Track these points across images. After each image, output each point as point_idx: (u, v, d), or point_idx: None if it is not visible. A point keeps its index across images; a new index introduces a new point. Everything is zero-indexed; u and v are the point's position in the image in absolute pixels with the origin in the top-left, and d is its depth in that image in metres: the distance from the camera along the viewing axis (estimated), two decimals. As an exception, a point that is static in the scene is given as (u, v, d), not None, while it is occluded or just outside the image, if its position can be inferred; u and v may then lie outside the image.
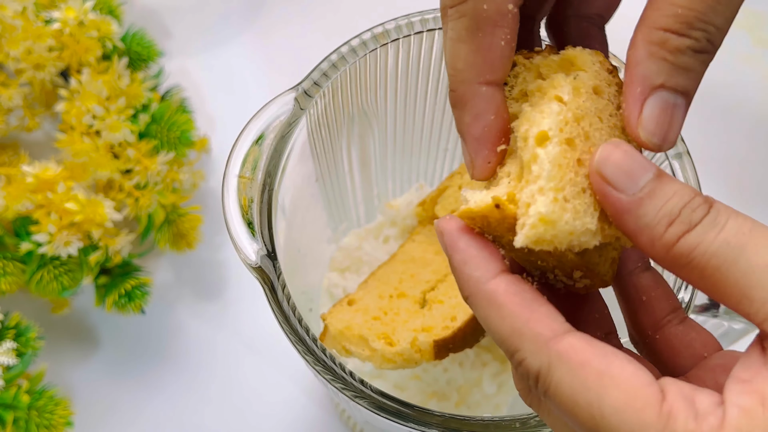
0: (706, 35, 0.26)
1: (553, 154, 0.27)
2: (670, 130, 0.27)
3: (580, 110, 0.28)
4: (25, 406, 0.51)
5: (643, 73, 0.26)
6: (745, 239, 0.24)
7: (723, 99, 0.71)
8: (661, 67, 0.26)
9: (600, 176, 0.26)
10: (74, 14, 0.58)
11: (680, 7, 0.25)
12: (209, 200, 0.65)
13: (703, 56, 0.26)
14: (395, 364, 0.45)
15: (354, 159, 0.53)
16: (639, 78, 0.27)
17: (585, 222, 0.27)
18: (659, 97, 0.27)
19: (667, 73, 0.26)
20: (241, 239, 0.41)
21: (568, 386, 0.24)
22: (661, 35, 0.26)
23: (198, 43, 0.73)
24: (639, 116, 0.27)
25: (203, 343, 0.61)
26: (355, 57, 0.45)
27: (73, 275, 0.55)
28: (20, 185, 0.53)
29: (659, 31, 0.26)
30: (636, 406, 0.23)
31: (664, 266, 0.26)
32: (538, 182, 0.27)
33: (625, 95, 0.27)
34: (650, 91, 0.27)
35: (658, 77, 0.26)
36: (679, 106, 0.27)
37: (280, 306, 0.40)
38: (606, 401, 0.23)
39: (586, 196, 0.27)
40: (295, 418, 0.58)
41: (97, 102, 0.57)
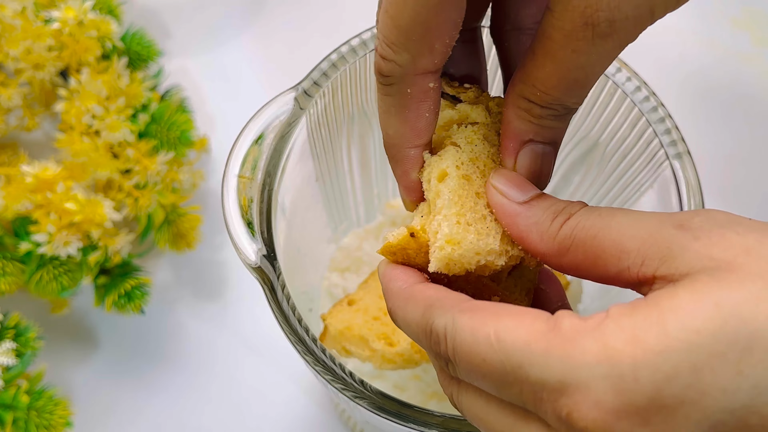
0: (564, 107, 0.30)
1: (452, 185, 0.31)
2: (542, 174, 0.32)
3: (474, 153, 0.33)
4: (24, 406, 0.50)
5: (514, 131, 0.31)
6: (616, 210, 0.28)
7: (723, 99, 0.71)
8: (529, 127, 0.31)
9: (494, 188, 0.31)
10: (74, 14, 0.58)
11: (539, 90, 0.29)
12: (209, 200, 0.65)
13: (563, 117, 0.31)
14: (395, 364, 0.45)
15: (354, 159, 0.53)
16: (511, 134, 0.31)
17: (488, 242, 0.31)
18: (529, 150, 0.31)
19: (534, 131, 0.31)
20: (240, 239, 0.41)
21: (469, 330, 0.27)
22: (526, 104, 0.30)
23: (198, 42, 0.73)
24: (514, 166, 0.32)
25: (203, 343, 0.60)
26: (355, 57, 0.45)
27: (72, 275, 0.55)
28: (20, 185, 0.53)
29: (524, 100, 0.30)
30: (526, 323, 0.26)
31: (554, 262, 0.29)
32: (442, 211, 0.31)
33: (501, 148, 0.32)
34: (521, 145, 0.31)
35: (527, 134, 0.31)
36: (547, 153, 0.31)
37: (280, 306, 0.40)
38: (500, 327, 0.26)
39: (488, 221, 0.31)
40: (295, 419, 0.58)
41: (97, 102, 0.57)
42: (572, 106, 0.30)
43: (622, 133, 0.47)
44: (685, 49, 0.73)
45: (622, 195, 0.48)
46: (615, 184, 0.49)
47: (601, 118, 0.48)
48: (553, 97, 0.29)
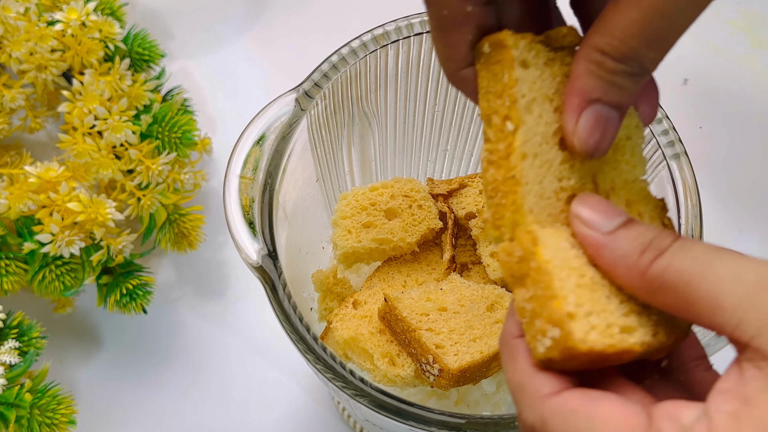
0: (640, 64, 0.28)
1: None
2: (603, 140, 0.29)
3: None
4: (27, 404, 0.51)
5: (581, 87, 0.29)
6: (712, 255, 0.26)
7: (721, 100, 0.72)
8: (598, 84, 0.28)
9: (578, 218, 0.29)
10: (76, 15, 0.58)
11: (618, 39, 0.27)
12: (211, 200, 0.65)
13: (636, 78, 0.28)
14: (394, 384, 0.46)
15: (354, 159, 0.53)
16: (577, 91, 0.29)
17: None
18: (594, 110, 0.29)
19: (602, 89, 0.28)
20: (242, 239, 0.41)
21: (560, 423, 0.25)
22: (599, 57, 0.28)
23: (200, 44, 0.73)
24: (575, 126, 0.29)
25: (205, 342, 0.61)
26: (355, 58, 0.45)
27: (75, 275, 0.55)
28: (23, 185, 0.54)
29: (598, 53, 0.28)
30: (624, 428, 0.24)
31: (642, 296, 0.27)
32: None
33: (564, 105, 0.29)
34: (587, 104, 0.29)
35: (595, 92, 0.28)
36: (612, 118, 0.29)
37: (281, 305, 0.40)
38: None
39: None
40: (295, 417, 0.59)
41: (100, 103, 0.57)
42: (648, 65, 0.28)
43: (620, 133, 0.47)
44: (683, 51, 0.74)
45: (620, 195, 0.48)
46: (613, 185, 0.49)
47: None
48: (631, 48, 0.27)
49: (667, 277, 0.26)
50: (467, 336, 0.46)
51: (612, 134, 0.29)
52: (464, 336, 0.46)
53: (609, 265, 0.28)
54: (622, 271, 0.27)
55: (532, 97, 0.30)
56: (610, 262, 0.28)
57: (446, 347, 0.45)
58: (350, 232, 0.49)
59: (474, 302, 0.48)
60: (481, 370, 0.46)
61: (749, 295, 0.24)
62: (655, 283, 0.26)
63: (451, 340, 0.46)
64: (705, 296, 0.25)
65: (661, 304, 0.27)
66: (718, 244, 0.27)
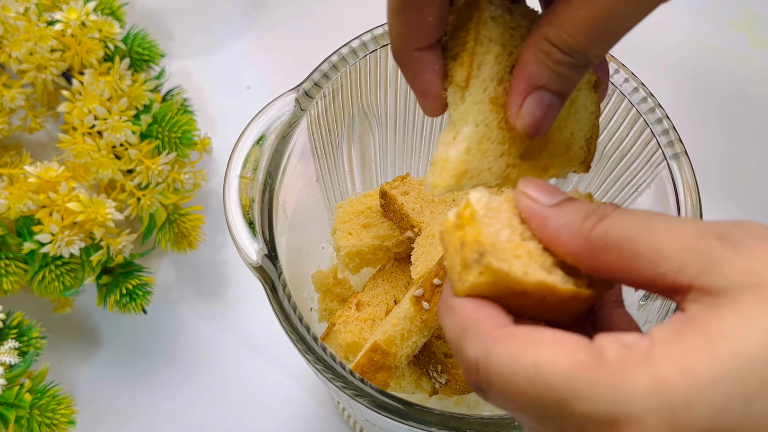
0: (585, 58, 0.29)
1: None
2: (543, 123, 0.31)
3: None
4: (27, 404, 0.51)
5: (528, 73, 0.30)
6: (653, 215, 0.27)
7: (720, 99, 0.72)
8: (544, 72, 0.30)
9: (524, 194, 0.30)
10: (76, 15, 0.58)
11: (567, 33, 0.29)
12: (211, 200, 0.65)
13: (579, 69, 0.30)
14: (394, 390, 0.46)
15: (354, 159, 0.53)
16: (524, 76, 0.30)
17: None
18: (538, 96, 0.31)
19: (548, 77, 0.30)
20: (242, 239, 0.41)
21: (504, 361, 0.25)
22: (548, 47, 0.29)
23: (199, 44, 0.73)
24: (518, 109, 0.31)
25: (205, 342, 0.61)
26: (355, 58, 0.45)
27: (75, 275, 0.55)
28: (23, 185, 0.54)
29: (547, 43, 0.29)
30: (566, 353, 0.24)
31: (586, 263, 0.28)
32: None
33: (510, 89, 0.31)
34: (532, 90, 0.30)
35: (540, 79, 0.30)
36: (554, 104, 0.31)
37: (281, 305, 0.40)
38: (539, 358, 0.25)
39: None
40: (295, 417, 0.59)
41: (99, 103, 0.57)
42: (592, 59, 0.30)
43: (620, 133, 0.47)
44: (683, 51, 0.74)
45: (620, 195, 0.49)
46: (613, 184, 0.49)
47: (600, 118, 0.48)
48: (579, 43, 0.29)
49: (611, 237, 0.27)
50: None
51: (552, 119, 0.31)
52: None
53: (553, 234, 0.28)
54: (566, 238, 0.28)
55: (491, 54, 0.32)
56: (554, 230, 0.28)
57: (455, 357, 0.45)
58: (351, 234, 0.49)
59: None
60: None
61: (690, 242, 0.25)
62: (598, 244, 0.27)
63: None
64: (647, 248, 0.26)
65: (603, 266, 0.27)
66: None
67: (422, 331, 0.42)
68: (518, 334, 0.26)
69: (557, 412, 0.24)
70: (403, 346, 0.42)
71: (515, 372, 0.25)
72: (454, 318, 0.28)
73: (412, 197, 0.49)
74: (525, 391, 0.25)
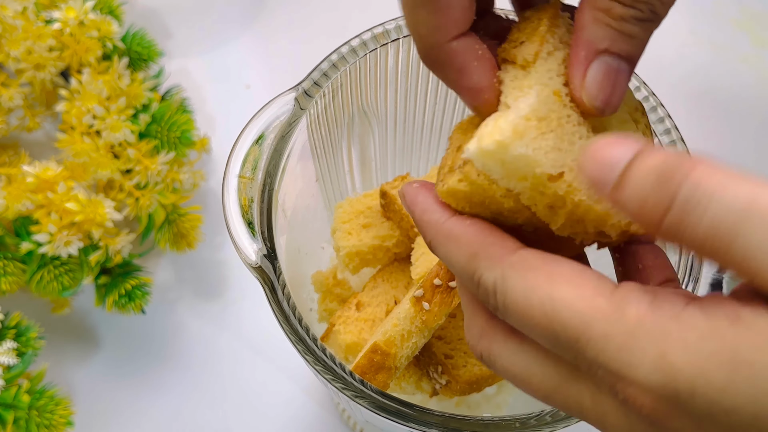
0: (650, 7, 0.26)
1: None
2: (613, 94, 0.27)
3: None
4: (25, 405, 0.51)
5: (587, 38, 0.27)
6: None
7: (722, 99, 0.71)
8: (606, 33, 0.26)
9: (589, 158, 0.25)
10: (75, 14, 0.58)
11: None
12: (209, 200, 0.65)
13: (646, 24, 0.26)
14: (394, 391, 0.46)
15: (354, 159, 0.53)
16: (583, 42, 0.27)
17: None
18: (603, 62, 0.27)
19: (611, 38, 0.26)
20: (241, 239, 0.41)
21: (521, 290, 0.24)
22: (606, 3, 0.26)
23: (198, 43, 0.73)
24: (582, 80, 0.27)
25: (203, 342, 0.61)
26: (355, 57, 0.45)
27: (73, 275, 0.55)
28: (21, 185, 0.53)
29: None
30: (585, 295, 0.23)
31: None
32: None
33: (570, 58, 0.27)
34: (594, 56, 0.27)
35: (603, 42, 0.26)
36: (622, 71, 0.27)
37: (281, 306, 0.40)
38: (557, 295, 0.24)
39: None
40: (295, 418, 0.58)
41: (98, 102, 0.57)
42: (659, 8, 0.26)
43: (622, 133, 0.47)
44: (685, 50, 0.73)
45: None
46: (614, 184, 0.49)
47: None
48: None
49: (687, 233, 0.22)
50: None
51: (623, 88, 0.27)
52: None
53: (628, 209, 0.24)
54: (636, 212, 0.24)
55: None
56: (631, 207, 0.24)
57: (456, 358, 0.45)
58: (351, 234, 0.49)
59: None
60: (488, 381, 0.46)
61: None
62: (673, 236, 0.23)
63: (461, 351, 0.46)
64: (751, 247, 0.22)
65: None
66: None
67: (422, 332, 0.41)
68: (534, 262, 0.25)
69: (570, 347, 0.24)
70: (403, 346, 0.41)
71: (531, 305, 0.24)
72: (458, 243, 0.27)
73: None
74: (540, 324, 0.24)
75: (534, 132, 0.26)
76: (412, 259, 0.46)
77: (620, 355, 0.23)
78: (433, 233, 0.28)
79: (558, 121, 0.27)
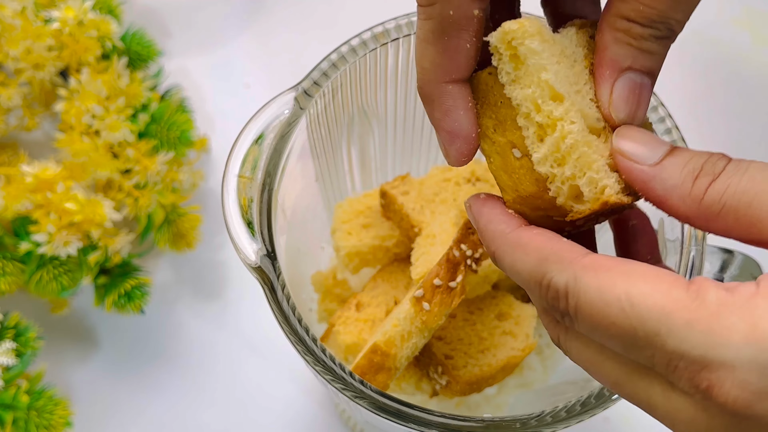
0: (667, 26, 0.28)
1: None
2: (639, 108, 0.29)
3: None
4: (24, 406, 0.50)
5: (611, 57, 0.29)
6: None
7: (723, 98, 0.71)
8: (628, 51, 0.28)
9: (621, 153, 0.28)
10: (74, 14, 0.58)
11: (644, 4, 0.27)
12: (209, 200, 0.65)
13: (664, 41, 0.28)
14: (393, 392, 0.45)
15: (354, 159, 0.53)
16: (607, 61, 0.29)
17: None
18: (627, 79, 0.29)
19: (633, 56, 0.28)
20: (240, 239, 0.41)
21: (595, 290, 0.25)
22: (626, 24, 0.28)
23: (198, 42, 0.73)
24: (610, 96, 0.29)
25: (203, 343, 0.60)
26: (355, 56, 0.45)
27: (72, 275, 0.55)
28: (19, 185, 0.53)
29: (623, 20, 0.28)
30: (663, 289, 0.24)
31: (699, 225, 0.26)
32: None
33: (596, 77, 0.29)
34: (619, 73, 0.29)
35: (626, 60, 0.28)
36: (645, 85, 0.29)
37: (280, 306, 0.40)
38: (634, 291, 0.24)
39: None
40: (295, 418, 0.58)
41: (97, 102, 0.57)
42: (675, 26, 0.28)
43: (622, 132, 0.46)
44: (685, 49, 0.73)
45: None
46: (615, 184, 0.49)
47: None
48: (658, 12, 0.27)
49: (726, 201, 0.25)
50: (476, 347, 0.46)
51: (647, 100, 0.29)
52: (473, 347, 0.46)
53: (661, 197, 0.27)
54: (676, 202, 0.26)
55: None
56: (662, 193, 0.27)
57: (456, 358, 0.45)
58: (351, 234, 0.49)
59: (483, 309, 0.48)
60: (488, 381, 0.45)
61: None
62: (713, 209, 0.26)
63: (461, 351, 0.46)
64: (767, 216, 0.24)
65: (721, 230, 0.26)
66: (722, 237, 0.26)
67: (422, 332, 0.41)
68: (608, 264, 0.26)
69: (648, 344, 0.24)
70: (403, 347, 0.41)
71: (607, 302, 0.25)
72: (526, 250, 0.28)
73: (412, 197, 0.49)
74: (616, 322, 0.25)
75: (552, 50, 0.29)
76: (412, 259, 0.46)
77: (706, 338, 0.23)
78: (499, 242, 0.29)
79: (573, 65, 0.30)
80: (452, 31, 0.29)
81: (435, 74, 0.30)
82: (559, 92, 0.29)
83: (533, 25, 0.29)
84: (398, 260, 0.51)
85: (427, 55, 0.30)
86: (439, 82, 0.30)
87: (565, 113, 0.29)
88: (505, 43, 0.29)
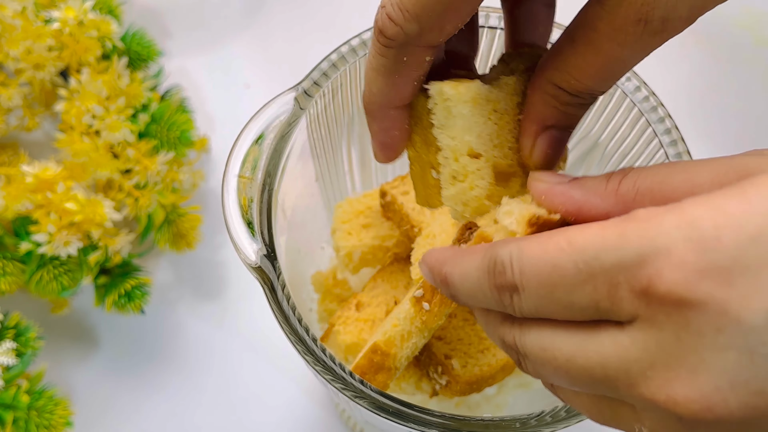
0: (591, 96, 0.31)
1: None
2: (555, 157, 0.33)
3: None
4: (24, 406, 0.50)
5: (537, 115, 0.32)
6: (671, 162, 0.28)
7: (724, 99, 0.71)
8: (553, 113, 0.32)
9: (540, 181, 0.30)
10: (74, 14, 0.58)
11: (574, 78, 0.30)
12: (209, 200, 0.65)
13: (587, 106, 0.32)
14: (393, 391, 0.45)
15: (354, 159, 0.53)
16: (534, 118, 0.32)
17: None
18: (549, 135, 0.32)
19: (556, 117, 0.32)
20: (240, 239, 0.41)
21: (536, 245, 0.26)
22: (555, 91, 0.31)
23: (198, 42, 0.73)
24: (532, 149, 0.33)
25: (203, 343, 0.60)
26: (355, 57, 0.45)
27: (72, 275, 0.55)
28: (20, 185, 0.53)
29: (553, 87, 0.31)
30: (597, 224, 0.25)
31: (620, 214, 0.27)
32: None
33: (522, 129, 0.33)
34: (542, 130, 0.32)
35: (550, 120, 0.32)
36: (563, 139, 0.33)
37: (280, 306, 0.40)
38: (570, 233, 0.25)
39: None
40: (294, 418, 0.58)
41: (97, 102, 0.57)
42: (598, 96, 0.31)
43: (622, 132, 0.47)
44: (685, 49, 0.73)
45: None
46: (615, 184, 0.49)
47: (601, 117, 0.48)
48: (586, 87, 0.30)
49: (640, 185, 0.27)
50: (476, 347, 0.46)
51: (561, 151, 0.33)
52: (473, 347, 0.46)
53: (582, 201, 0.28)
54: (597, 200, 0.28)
55: None
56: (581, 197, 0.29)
57: (455, 358, 0.45)
58: (351, 234, 0.49)
59: None
60: (488, 381, 0.45)
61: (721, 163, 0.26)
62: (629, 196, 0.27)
63: (461, 351, 0.46)
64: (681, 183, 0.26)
65: None
66: None
67: (422, 332, 0.41)
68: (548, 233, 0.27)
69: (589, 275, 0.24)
70: (403, 347, 0.41)
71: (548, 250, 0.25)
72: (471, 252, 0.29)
73: (412, 197, 0.49)
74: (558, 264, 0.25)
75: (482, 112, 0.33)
76: (412, 259, 0.46)
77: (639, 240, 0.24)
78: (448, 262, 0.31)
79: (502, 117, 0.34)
80: (403, 71, 0.32)
81: (380, 99, 0.33)
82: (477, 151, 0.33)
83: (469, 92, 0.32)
84: (398, 260, 0.51)
85: (376, 83, 0.33)
86: (382, 107, 0.34)
87: (476, 170, 0.33)
88: (441, 100, 0.32)
